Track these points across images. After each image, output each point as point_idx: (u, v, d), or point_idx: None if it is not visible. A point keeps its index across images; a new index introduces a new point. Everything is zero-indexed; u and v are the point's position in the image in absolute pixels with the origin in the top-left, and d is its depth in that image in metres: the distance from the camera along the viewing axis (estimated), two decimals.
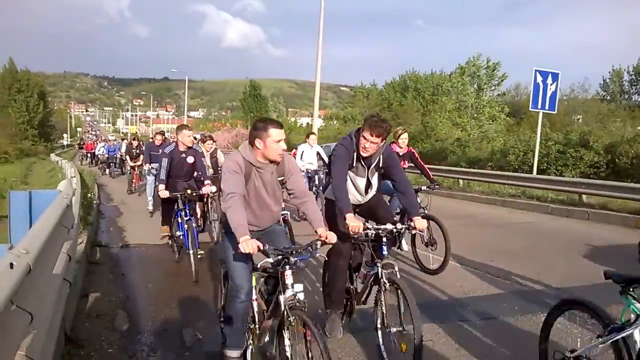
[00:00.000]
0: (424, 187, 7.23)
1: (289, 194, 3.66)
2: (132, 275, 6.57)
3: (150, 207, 11.64)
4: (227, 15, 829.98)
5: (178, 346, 4.29)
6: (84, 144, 46.09)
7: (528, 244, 8.39)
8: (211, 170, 9.19)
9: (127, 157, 16.32)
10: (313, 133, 11.41)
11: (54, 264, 3.65)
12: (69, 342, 4.10)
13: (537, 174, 15.81)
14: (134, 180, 16.13)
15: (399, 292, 3.61)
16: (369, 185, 4.37)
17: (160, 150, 9.65)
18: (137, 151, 16.11)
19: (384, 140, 4.08)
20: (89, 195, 12.65)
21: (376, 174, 4.36)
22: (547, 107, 15.54)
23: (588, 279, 5.97)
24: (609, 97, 39.29)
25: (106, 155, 24.87)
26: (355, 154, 4.14)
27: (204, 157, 8.28)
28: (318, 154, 9.92)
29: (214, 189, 7.31)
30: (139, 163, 15.62)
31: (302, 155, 10.42)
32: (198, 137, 12.22)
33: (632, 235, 8.72)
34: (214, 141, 10.58)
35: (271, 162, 3.45)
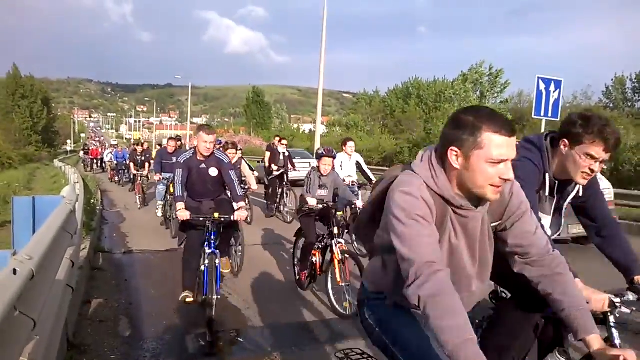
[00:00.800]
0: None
1: (521, 259, 1.96)
2: (135, 281, 6.56)
3: (160, 213, 10.99)
4: (230, 22, 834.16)
5: (180, 352, 4.28)
6: (88, 149, 43.50)
7: None
8: None
9: (131, 164, 14.61)
10: (350, 139, 9.31)
11: (57, 270, 3.65)
12: (71, 347, 4.10)
13: None
14: (136, 191, 14.21)
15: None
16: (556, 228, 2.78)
17: (174, 159, 9.08)
18: (143, 158, 14.55)
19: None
20: (92, 201, 12.66)
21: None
22: (550, 115, 15.50)
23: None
24: (611, 105, 39.33)
25: (115, 162, 23.81)
26: (546, 176, 2.51)
27: (233, 168, 5.84)
28: (358, 163, 8.95)
29: (245, 214, 5.47)
30: (144, 172, 14.03)
31: (341, 165, 8.59)
32: (223, 141, 10.81)
33: (638, 243, 8.67)
34: (237, 149, 9.46)
35: (480, 198, 1.78)
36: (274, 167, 11.84)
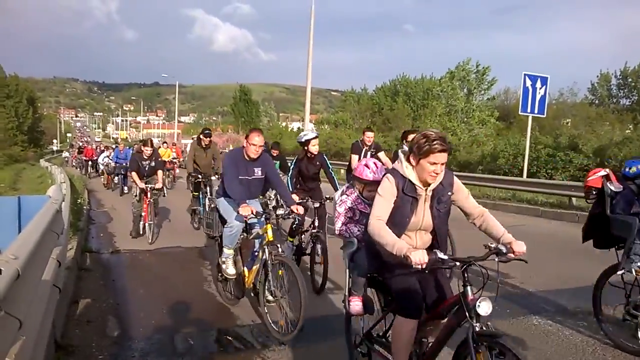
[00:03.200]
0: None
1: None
2: (122, 281, 6.53)
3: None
4: (216, 20, 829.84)
5: (169, 352, 4.27)
6: (83, 148, 36.49)
7: None
8: None
9: (134, 174, 9.26)
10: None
11: (44, 270, 3.62)
12: (59, 348, 4.07)
13: (527, 177, 15.91)
14: (143, 215, 9.23)
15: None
16: None
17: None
18: (153, 164, 9.56)
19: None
20: (79, 201, 12.56)
21: None
22: (536, 111, 15.66)
23: (579, 281, 6.00)
24: (597, 101, 39.61)
25: (113, 164, 18.84)
26: None
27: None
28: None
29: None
30: (158, 185, 9.36)
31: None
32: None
33: None
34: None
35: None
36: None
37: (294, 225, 6.76)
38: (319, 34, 24.63)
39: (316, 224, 6.21)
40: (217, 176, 9.44)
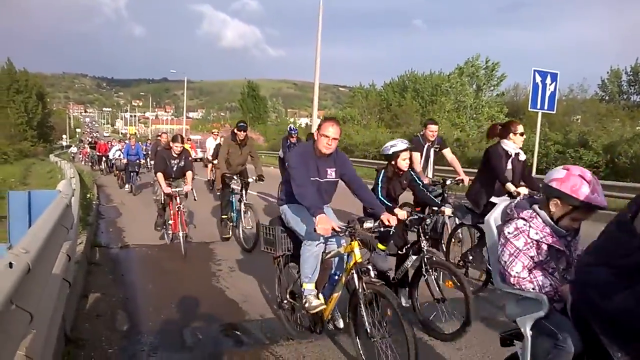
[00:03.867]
0: None
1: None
2: (131, 276, 6.56)
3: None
4: (224, 16, 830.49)
5: (178, 346, 4.28)
6: (95, 142, 34.64)
7: None
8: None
9: (159, 175, 7.78)
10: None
11: (54, 264, 3.64)
12: (69, 342, 4.09)
13: (537, 173, 15.80)
14: (170, 233, 8.07)
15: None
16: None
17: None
18: (182, 163, 8.05)
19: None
20: (89, 195, 12.64)
21: None
22: (546, 107, 15.55)
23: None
24: (607, 98, 39.28)
25: (124, 160, 16.84)
26: None
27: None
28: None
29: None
30: (186, 188, 7.75)
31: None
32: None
33: None
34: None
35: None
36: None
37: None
38: (327, 29, 24.58)
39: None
40: (255, 179, 8.21)
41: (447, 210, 4.87)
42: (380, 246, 5.04)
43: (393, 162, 5.04)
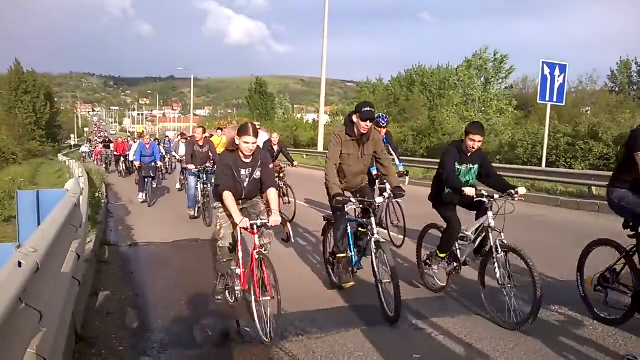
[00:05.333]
0: None
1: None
2: (141, 274, 6.58)
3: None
4: (229, 12, 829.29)
5: (188, 343, 4.28)
6: (109, 141, 31.73)
7: (538, 237, 8.31)
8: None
9: (228, 198, 4.59)
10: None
11: (63, 262, 3.65)
12: (79, 339, 4.11)
13: (546, 166, 15.74)
14: (238, 290, 4.93)
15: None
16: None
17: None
18: (256, 173, 4.85)
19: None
20: (97, 194, 12.68)
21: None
22: (555, 99, 15.44)
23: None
24: (617, 89, 38.97)
25: (137, 163, 13.64)
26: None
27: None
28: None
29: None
30: (274, 217, 4.54)
31: None
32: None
33: None
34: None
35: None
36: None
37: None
38: (333, 24, 24.52)
39: None
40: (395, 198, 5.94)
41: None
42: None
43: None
